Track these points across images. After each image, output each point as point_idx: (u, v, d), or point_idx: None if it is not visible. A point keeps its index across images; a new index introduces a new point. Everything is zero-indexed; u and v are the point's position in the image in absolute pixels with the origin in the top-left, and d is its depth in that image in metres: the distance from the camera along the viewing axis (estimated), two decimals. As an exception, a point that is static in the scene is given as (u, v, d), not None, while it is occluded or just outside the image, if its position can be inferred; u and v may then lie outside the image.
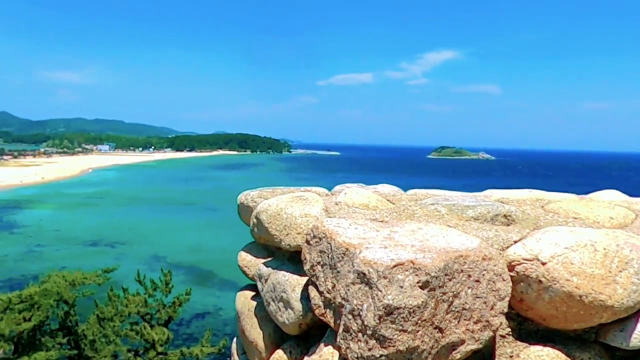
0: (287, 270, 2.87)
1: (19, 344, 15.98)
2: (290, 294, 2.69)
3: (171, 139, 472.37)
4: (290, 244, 2.81)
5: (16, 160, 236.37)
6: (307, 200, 2.98)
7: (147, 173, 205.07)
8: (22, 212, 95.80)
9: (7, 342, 15.98)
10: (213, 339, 19.43)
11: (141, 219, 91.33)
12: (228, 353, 35.18)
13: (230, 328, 40.74)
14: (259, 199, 3.44)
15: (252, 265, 3.55)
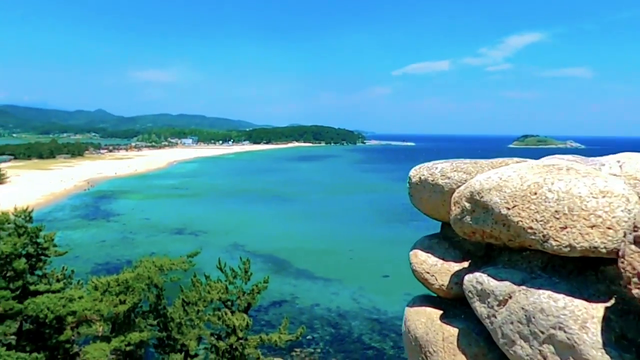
0: (554, 289, 1.76)
1: (116, 324, 17.37)
2: (578, 333, 1.60)
3: (249, 132, 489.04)
4: (571, 243, 1.72)
5: (111, 153, 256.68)
6: (589, 173, 1.83)
7: (227, 165, 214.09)
8: (117, 201, 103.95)
9: (105, 322, 17.44)
10: (290, 326, 19.89)
11: (221, 209, 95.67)
12: (304, 341, 35.69)
13: (305, 317, 41.67)
14: (458, 174, 2.46)
15: (440, 271, 2.60)
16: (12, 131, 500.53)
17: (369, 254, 62.01)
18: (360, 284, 50.28)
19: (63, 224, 74.95)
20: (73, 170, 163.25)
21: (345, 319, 41.51)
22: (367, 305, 44.74)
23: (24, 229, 13.68)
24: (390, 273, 53.98)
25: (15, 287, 13.91)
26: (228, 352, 18.17)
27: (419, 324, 2.68)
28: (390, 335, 38.08)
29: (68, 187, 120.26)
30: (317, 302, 45.14)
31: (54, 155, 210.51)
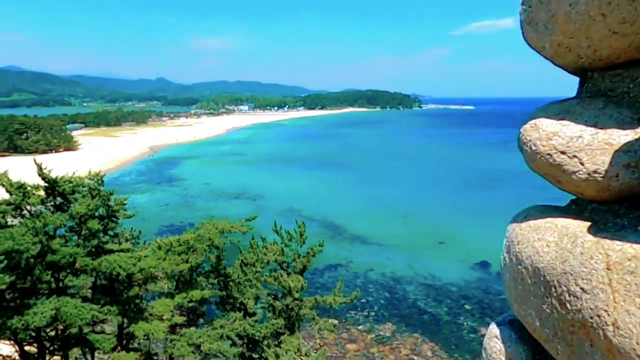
0: None
1: (179, 282, 18.36)
2: None
3: (303, 97, 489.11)
4: None
5: (172, 121, 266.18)
6: None
7: (282, 131, 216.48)
8: (178, 167, 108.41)
9: (169, 279, 18.46)
10: (345, 290, 20.23)
11: (277, 175, 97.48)
12: (359, 305, 36.18)
13: (360, 281, 42.25)
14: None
15: (590, 147, 1.54)
16: (82, 100, 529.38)
17: (425, 220, 61.34)
18: (415, 250, 50.07)
19: (130, 188, 79.30)
20: (137, 137, 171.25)
21: (399, 283, 41.67)
22: (422, 271, 44.59)
23: (96, 191, 14.58)
24: (446, 240, 53.28)
25: (90, 246, 14.98)
26: (284, 312, 18.80)
27: (542, 246, 1.58)
28: (446, 302, 37.90)
29: (133, 154, 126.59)
30: (372, 267, 45.50)
31: (120, 123, 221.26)
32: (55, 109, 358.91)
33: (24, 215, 14.13)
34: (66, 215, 14.26)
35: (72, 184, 14.38)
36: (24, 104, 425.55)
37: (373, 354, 29.91)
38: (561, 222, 1.59)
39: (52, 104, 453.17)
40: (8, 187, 13.27)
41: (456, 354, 29.79)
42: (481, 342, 1.98)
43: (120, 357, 15.09)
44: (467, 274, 43.54)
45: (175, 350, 15.43)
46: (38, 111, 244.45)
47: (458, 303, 37.75)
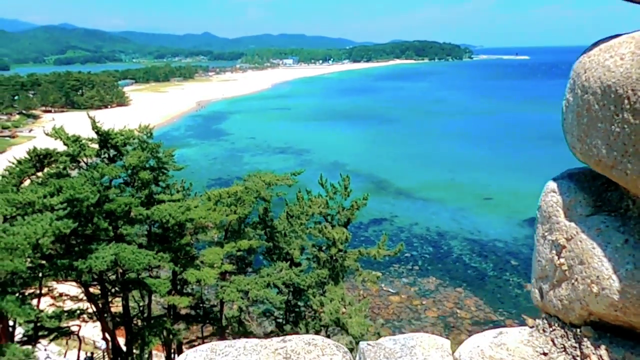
0: None
1: (228, 232, 19.02)
2: None
3: (349, 50, 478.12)
4: None
5: (218, 76, 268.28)
6: None
7: (327, 84, 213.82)
8: (225, 121, 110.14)
9: (218, 229, 19.14)
10: (389, 243, 20.34)
11: (322, 129, 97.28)
12: (403, 258, 36.33)
13: (405, 235, 42.37)
14: None
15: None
16: (132, 56, 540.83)
17: (471, 175, 60.00)
18: (460, 205, 49.38)
19: (179, 142, 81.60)
20: (185, 92, 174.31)
21: (444, 238, 41.50)
22: (468, 226, 44.09)
23: (146, 144, 15.10)
24: (493, 195, 52.11)
25: (143, 196, 15.67)
26: (329, 262, 19.22)
27: (614, 61, 1.42)
28: (491, 257, 37.52)
29: (182, 109, 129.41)
30: (416, 221, 45.40)
31: (168, 79, 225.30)
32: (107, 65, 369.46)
33: (81, 166, 14.88)
34: (119, 166, 14.91)
35: (124, 137, 14.92)
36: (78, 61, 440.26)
37: (416, 306, 30.32)
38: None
39: (103, 61, 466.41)
40: (65, 139, 13.94)
41: (501, 309, 29.71)
42: (527, 298, 1.91)
43: (175, 300, 16.04)
44: (514, 231, 42.69)
45: (225, 296, 16.21)
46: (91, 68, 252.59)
47: (503, 259, 37.29)
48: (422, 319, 28.93)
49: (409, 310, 29.87)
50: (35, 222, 9.26)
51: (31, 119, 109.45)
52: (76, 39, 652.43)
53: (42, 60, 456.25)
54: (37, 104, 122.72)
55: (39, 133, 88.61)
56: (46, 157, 12.16)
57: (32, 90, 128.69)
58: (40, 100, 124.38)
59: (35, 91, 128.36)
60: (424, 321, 28.61)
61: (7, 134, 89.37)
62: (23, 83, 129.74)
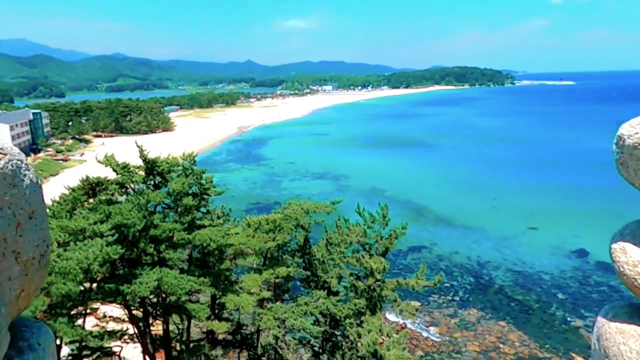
0: None
1: (266, 258, 19.19)
2: None
3: (387, 76, 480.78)
4: None
5: (259, 102, 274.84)
6: None
7: (366, 111, 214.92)
8: (264, 147, 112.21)
9: (257, 256, 19.34)
10: (428, 272, 19.94)
11: (360, 154, 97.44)
12: (442, 288, 35.43)
13: (444, 264, 41.37)
14: None
15: None
16: (178, 84, 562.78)
17: (515, 203, 58.30)
18: (503, 234, 47.91)
19: (220, 166, 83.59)
20: (227, 118, 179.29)
21: (485, 268, 40.23)
22: (511, 256, 42.63)
23: (190, 170, 15.62)
24: (539, 225, 50.33)
25: (185, 221, 16.13)
26: (366, 292, 18.98)
27: (626, 349, 1.69)
28: (536, 290, 36.02)
29: (223, 134, 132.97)
30: (456, 249, 44.32)
31: (211, 105, 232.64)
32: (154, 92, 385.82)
33: (129, 192, 15.52)
34: (164, 192, 15.44)
35: (169, 164, 15.49)
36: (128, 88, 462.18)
37: (456, 339, 29.33)
38: None
39: (151, 88, 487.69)
40: (115, 167, 14.63)
41: (547, 345, 28.32)
42: (576, 334, 1.92)
43: (214, 325, 16.22)
44: (560, 262, 40.93)
45: (262, 323, 16.26)
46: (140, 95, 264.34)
47: (549, 292, 35.70)
48: (462, 352, 27.93)
49: (449, 343, 28.92)
50: (86, 248, 9.74)
51: (83, 143, 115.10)
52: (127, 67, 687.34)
53: (95, 88, 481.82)
54: (89, 129, 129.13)
55: (90, 157, 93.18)
56: (97, 185, 12.80)
57: (85, 116, 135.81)
58: (92, 126, 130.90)
59: (87, 117, 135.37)
60: (465, 355, 27.61)
61: (61, 157, 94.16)
62: (77, 109, 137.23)
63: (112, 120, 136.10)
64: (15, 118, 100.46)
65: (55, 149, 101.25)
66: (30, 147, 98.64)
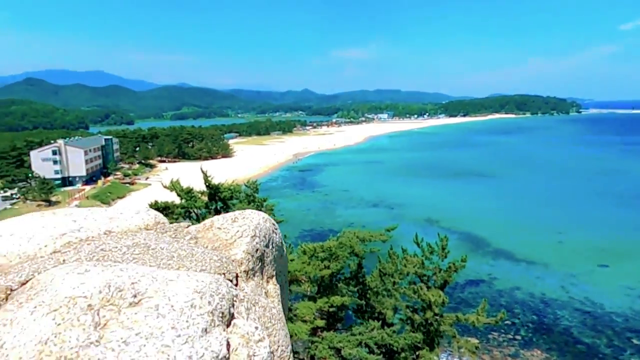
0: None
1: (321, 286, 19.10)
2: None
3: (444, 104, 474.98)
4: None
5: (315, 130, 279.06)
6: None
7: (421, 139, 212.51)
8: (319, 174, 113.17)
9: (312, 283, 19.31)
10: (488, 308, 19.03)
11: (415, 183, 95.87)
12: (503, 326, 33.71)
13: (505, 300, 39.34)
14: None
15: None
16: (237, 112, 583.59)
17: (583, 239, 54.89)
18: (569, 271, 45.09)
19: (276, 192, 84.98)
20: (283, 145, 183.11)
21: (550, 307, 37.87)
22: (578, 295, 39.93)
23: (252, 197, 16.02)
24: (611, 263, 47.00)
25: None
26: (423, 326, 18.36)
27: None
28: (606, 332, 33.39)
29: (279, 161, 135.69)
30: (518, 285, 42.13)
31: (269, 132, 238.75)
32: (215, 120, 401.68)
33: (192, 217, 16.08)
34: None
35: (231, 191, 15.96)
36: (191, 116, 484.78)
37: (519, 381, 27.61)
38: None
39: (213, 116, 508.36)
40: (179, 192, 15.26)
41: (621, 395, 26.03)
42: None
43: (267, 352, 16.17)
44: (635, 304, 37.84)
45: (317, 352, 16.08)
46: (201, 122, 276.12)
47: (622, 336, 32.96)
48: (525, 396, 26.21)
49: (510, 385, 27.27)
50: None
51: (148, 167, 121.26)
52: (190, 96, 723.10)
53: (161, 116, 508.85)
54: (154, 154, 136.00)
55: (154, 181, 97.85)
56: (165, 209, 13.38)
57: (151, 142, 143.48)
58: (157, 151, 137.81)
59: (153, 143, 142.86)
60: (528, 400, 25.87)
61: (128, 181, 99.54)
62: (144, 136, 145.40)
63: (175, 146, 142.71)
64: (90, 144, 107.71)
65: (123, 172, 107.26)
66: (101, 171, 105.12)
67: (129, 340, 1.70)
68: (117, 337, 1.71)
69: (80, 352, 1.64)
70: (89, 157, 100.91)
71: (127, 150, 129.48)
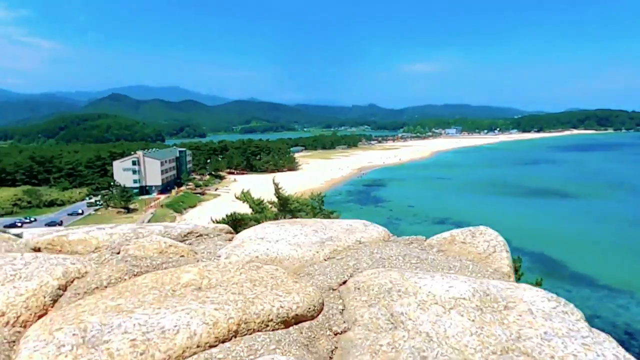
0: None
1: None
2: None
3: (517, 119, 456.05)
4: None
5: (380, 144, 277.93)
6: None
7: (491, 155, 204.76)
8: (384, 188, 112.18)
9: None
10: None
11: (484, 201, 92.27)
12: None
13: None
14: None
15: None
16: (304, 126, 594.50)
17: (674, 266, 50.09)
18: (659, 301, 41.28)
19: (340, 206, 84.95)
20: (348, 159, 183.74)
21: (636, 339, 34.80)
22: (670, 328, 36.40)
23: (318, 210, 16.18)
24: None
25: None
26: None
27: None
28: None
29: (344, 174, 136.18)
30: (598, 313, 39.16)
31: (334, 146, 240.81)
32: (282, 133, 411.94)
33: (261, 227, 16.45)
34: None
35: (299, 203, 16.18)
36: (259, 130, 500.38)
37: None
38: None
39: (280, 130, 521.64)
40: (251, 203, 15.71)
41: None
42: None
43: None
44: None
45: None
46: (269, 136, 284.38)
47: None
48: None
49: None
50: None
51: (218, 179, 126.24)
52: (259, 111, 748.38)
53: (231, 129, 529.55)
54: (224, 166, 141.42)
55: (222, 192, 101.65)
56: (240, 220, 13.82)
57: (221, 154, 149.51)
58: (226, 163, 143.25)
59: (223, 155, 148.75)
60: None
61: (199, 191, 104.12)
62: (215, 148, 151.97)
63: (243, 158, 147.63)
64: (165, 155, 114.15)
65: (195, 183, 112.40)
66: (175, 181, 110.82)
67: (547, 337, 1.82)
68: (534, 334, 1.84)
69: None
70: (164, 167, 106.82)
71: (199, 162, 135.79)
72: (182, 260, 2.67)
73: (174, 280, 2.20)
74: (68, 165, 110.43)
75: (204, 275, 2.25)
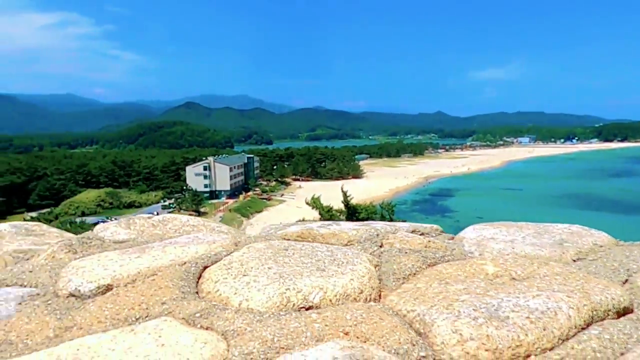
0: None
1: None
2: None
3: (597, 128, 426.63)
4: None
5: (447, 153, 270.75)
6: None
7: (568, 165, 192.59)
8: (450, 198, 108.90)
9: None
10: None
11: (560, 215, 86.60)
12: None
13: None
14: None
15: None
16: (369, 134, 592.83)
17: None
18: None
19: (404, 215, 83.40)
20: (414, 167, 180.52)
21: None
22: None
23: (388, 219, 15.94)
24: None
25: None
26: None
27: None
28: None
29: (410, 183, 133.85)
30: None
31: (399, 154, 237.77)
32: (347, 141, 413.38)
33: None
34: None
35: (368, 212, 16.03)
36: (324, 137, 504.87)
37: None
38: None
39: (345, 137, 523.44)
40: (321, 209, 15.77)
41: None
42: None
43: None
44: None
45: None
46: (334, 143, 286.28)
47: None
48: None
49: None
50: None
51: (283, 185, 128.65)
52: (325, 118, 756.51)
53: (297, 136, 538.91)
54: (290, 173, 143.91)
55: (287, 198, 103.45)
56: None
57: (287, 161, 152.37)
58: (292, 170, 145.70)
59: (289, 162, 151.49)
60: None
61: (265, 197, 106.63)
62: (281, 155, 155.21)
63: (309, 165, 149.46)
64: (234, 161, 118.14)
65: (261, 189, 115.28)
66: (243, 186, 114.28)
67: None
68: None
69: None
70: (233, 173, 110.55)
71: (265, 168, 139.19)
72: (447, 255, 2.66)
73: (478, 270, 2.25)
74: (145, 169, 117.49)
75: (503, 267, 2.26)
